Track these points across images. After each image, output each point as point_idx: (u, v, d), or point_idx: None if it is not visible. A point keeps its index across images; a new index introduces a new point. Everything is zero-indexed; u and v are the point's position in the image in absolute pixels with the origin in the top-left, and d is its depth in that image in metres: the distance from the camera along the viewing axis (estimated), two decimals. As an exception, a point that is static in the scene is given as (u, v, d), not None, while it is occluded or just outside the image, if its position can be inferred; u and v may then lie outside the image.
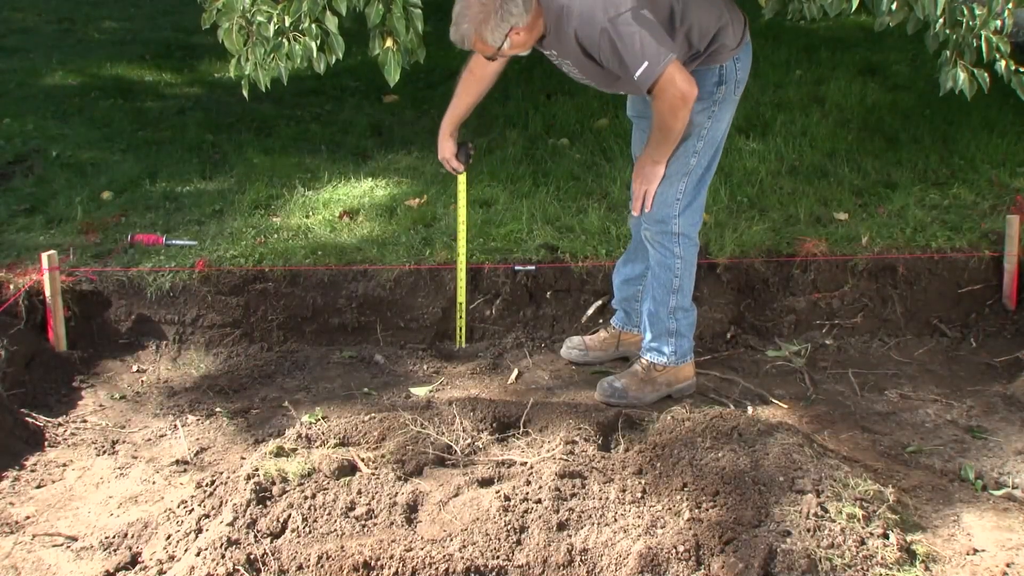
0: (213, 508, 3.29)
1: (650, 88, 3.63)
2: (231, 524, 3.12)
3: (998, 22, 3.71)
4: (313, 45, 3.61)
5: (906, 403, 4.27)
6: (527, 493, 3.21)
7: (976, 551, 3.12)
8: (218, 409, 4.30)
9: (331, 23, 3.62)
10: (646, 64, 3.54)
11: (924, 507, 3.39)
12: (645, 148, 3.94)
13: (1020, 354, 4.54)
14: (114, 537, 3.33)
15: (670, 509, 3.14)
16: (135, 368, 4.72)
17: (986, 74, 3.84)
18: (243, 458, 3.81)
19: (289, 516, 3.17)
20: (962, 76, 3.71)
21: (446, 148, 4.46)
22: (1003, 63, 3.71)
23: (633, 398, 4.18)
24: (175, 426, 4.17)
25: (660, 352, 4.23)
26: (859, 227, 5.08)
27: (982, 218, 5.14)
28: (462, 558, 2.97)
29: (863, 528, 3.04)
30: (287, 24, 3.59)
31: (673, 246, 4.07)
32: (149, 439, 4.09)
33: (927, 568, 3.00)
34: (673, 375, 4.24)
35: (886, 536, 3.02)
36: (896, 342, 4.78)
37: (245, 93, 3.61)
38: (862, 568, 2.89)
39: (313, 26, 3.63)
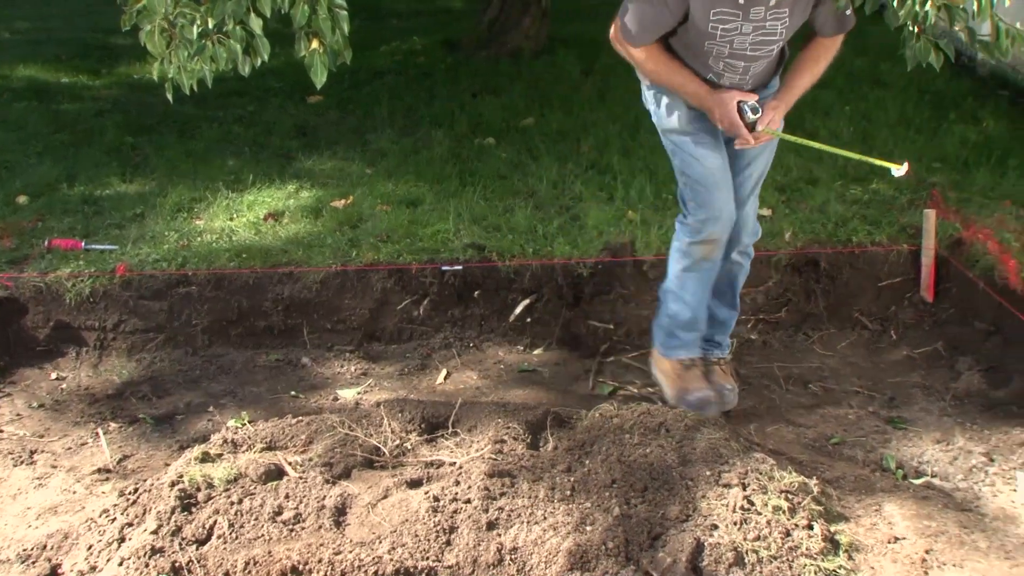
0: (136, 516, 3.23)
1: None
2: (155, 532, 3.06)
3: None
4: (238, 47, 3.55)
5: (829, 396, 4.34)
6: (456, 493, 3.20)
7: (897, 539, 3.17)
8: (141, 415, 4.23)
9: (256, 25, 3.56)
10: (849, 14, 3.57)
11: (847, 497, 3.44)
12: (792, 92, 3.78)
13: (939, 345, 4.63)
14: (32, 549, 3.24)
15: (599, 506, 3.14)
16: (54, 376, 4.62)
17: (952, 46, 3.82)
18: (167, 465, 3.75)
19: (215, 522, 3.12)
20: (930, 51, 3.71)
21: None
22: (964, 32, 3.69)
23: None
24: (96, 434, 4.09)
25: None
26: (782, 222, 5.14)
27: (900, 212, 5.23)
28: (391, 560, 2.95)
29: (788, 520, 3.07)
30: (210, 26, 3.54)
31: None
32: (69, 448, 4.01)
33: (850, 557, 3.04)
34: None
35: (811, 527, 3.06)
36: (819, 335, 4.85)
37: (169, 96, 3.54)
38: (787, 559, 2.92)
39: (237, 28, 3.58)
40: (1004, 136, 6.43)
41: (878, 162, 3.66)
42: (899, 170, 3.55)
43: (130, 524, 3.20)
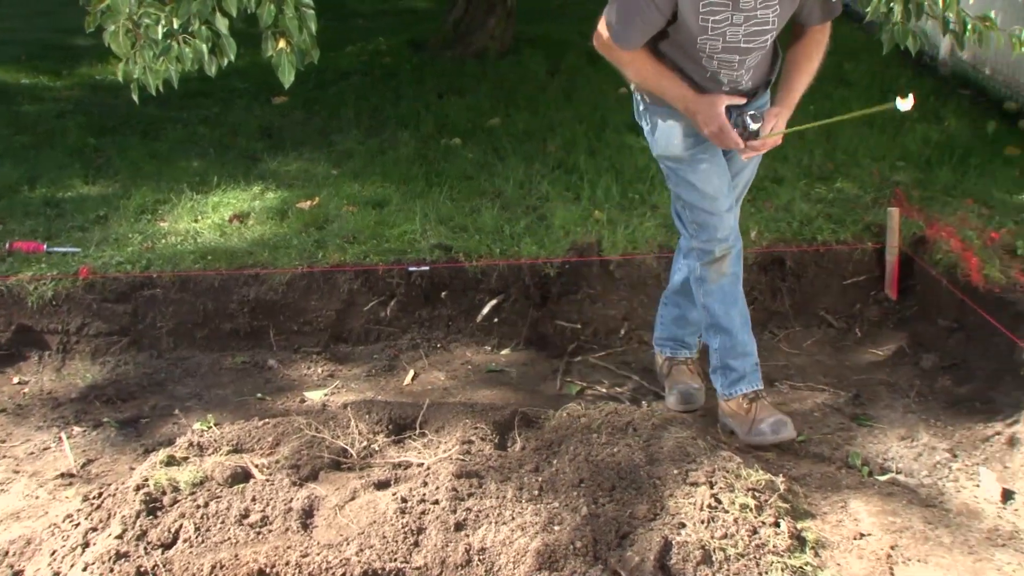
0: (101, 521, 3.20)
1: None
2: (120, 537, 3.04)
3: None
4: (204, 47, 3.53)
5: (796, 393, 4.36)
6: (424, 494, 3.19)
7: (863, 535, 3.19)
8: (105, 419, 4.19)
9: (222, 25, 3.54)
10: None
11: (814, 494, 3.46)
12: (792, 93, 3.71)
13: (903, 343, 4.67)
14: (-5, 555, 3.21)
15: (567, 505, 3.15)
16: (16, 380, 4.57)
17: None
18: (132, 468, 3.71)
19: (181, 526, 3.10)
20: (908, 35, 3.72)
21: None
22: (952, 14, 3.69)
23: None
24: (60, 438, 4.04)
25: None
26: (748, 221, 5.16)
27: (865, 211, 5.27)
28: (359, 562, 2.93)
29: (755, 517, 3.09)
30: (176, 26, 3.51)
31: None
32: (32, 453, 3.96)
33: (817, 554, 3.06)
34: None
35: (777, 524, 3.08)
36: (785, 334, 4.88)
37: (135, 97, 3.52)
38: (755, 557, 2.94)
39: (203, 28, 3.56)
40: (965, 135, 6.50)
41: (881, 108, 3.50)
42: (905, 104, 3.31)
43: (94, 529, 3.17)
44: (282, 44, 3.61)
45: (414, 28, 10.20)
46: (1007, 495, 3.49)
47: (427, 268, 4.87)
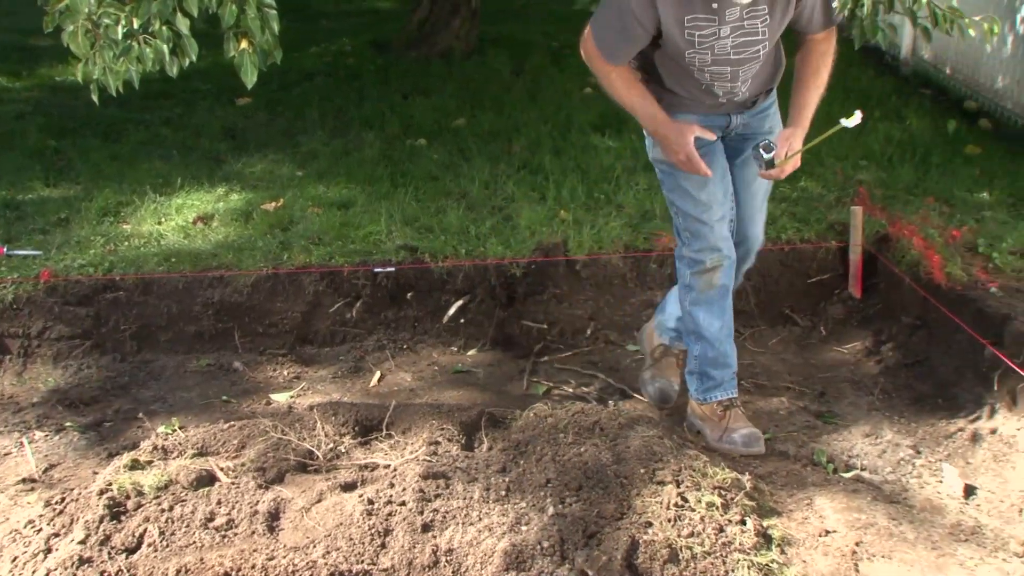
0: (63, 526, 3.16)
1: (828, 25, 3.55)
2: (83, 542, 3.01)
3: None
4: (165, 48, 3.50)
5: (761, 392, 4.38)
6: (391, 496, 3.18)
7: (828, 532, 3.21)
8: (68, 424, 4.14)
9: (183, 25, 3.52)
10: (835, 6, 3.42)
11: (779, 492, 3.48)
12: (804, 111, 3.64)
13: (867, 340, 4.70)
14: (-44, 562, 3.17)
15: (534, 505, 3.15)
16: (-23, 384, 4.52)
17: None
18: (95, 473, 3.68)
19: (145, 530, 3.07)
20: (877, 30, 3.72)
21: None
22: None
23: None
24: (21, 443, 4.00)
25: None
26: (712, 221, 5.18)
27: (828, 210, 5.30)
28: (326, 564, 2.92)
29: (722, 516, 3.10)
30: (136, 27, 3.48)
31: None
32: (-7, 458, 3.92)
33: (783, 551, 3.08)
34: None
35: (744, 522, 3.09)
36: (751, 332, 4.90)
37: (95, 98, 3.48)
38: (721, 555, 2.95)
39: (164, 28, 3.53)
40: (927, 134, 6.56)
41: (832, 131, 3.51)
42: (851, 121, 3.40)
43: (57, 534, 3.14)
44: (244, 45, 3.58)
45: (378, 29, 10.18)
46: (969, 490, 3.52)
47: (393, 269, 4.86)
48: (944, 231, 4.92)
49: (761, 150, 3.55)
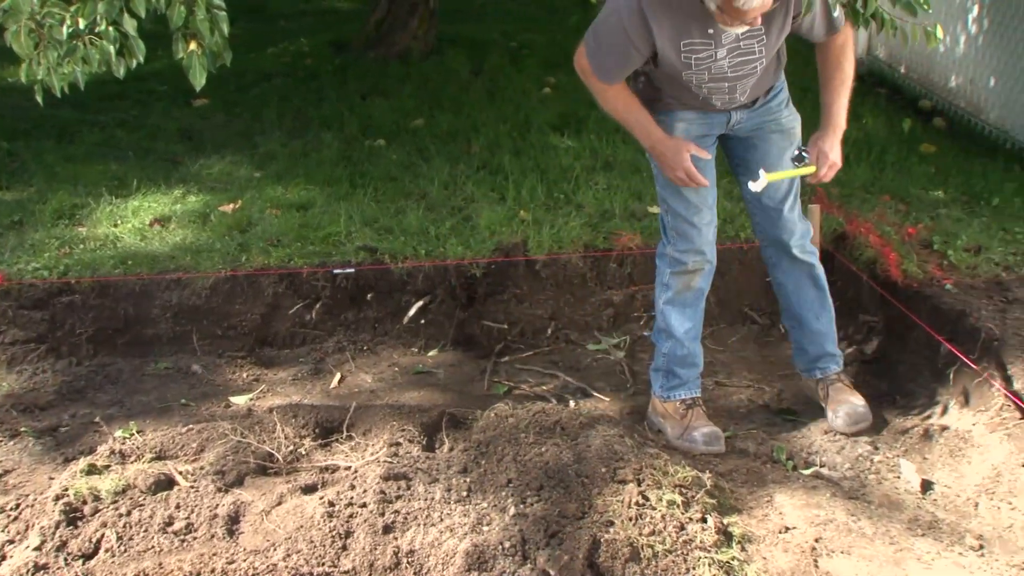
0: (18, 533, 3.13)
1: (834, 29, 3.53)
2: (38, 548, 2.97)
3: None
4: (111, 49, 3.46)
5: (721, 390, 4.41)
6: (351, 498, 3.17)
7: (788, 528, 3.24)
8: (23, 429, 4.08)
9: (129, 26, 3.48)
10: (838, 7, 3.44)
11: (740, 489, 3.50)
12: (832, 110, 3.64)
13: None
14: (-92, 571, 3.12)
15: (495, 506, 3.15)
16: (-70, 390, 4.45)
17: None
18: (51, 479, 3.63)
19: (103, 536, 3.04)
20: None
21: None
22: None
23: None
24: (-24, 449, 3.94)
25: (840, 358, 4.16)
26: (671, 220, 5.20)
27: (786, 208, 5.33)
28: (287, 567, 2.90)
29: (683, 514, 3.11)
30: (81, 27, 3.44)
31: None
32: (-53, 464, 3.86)
33: (743, 548, 3.10)
34: None
35: (704, 520, 3.11)
36: (710, 331, 4.91)
37: (39, 99, 3.44)
38: (682, 552, 2.96)
39: (110, 29, 3.49)
40: (882, 132, 6.62)
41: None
42: (757, 185, 3.58)
43: (11, 541, 3.10)
44: (193, 46, 3.55)
45: (336, 29, 10.13)
46: (926, 486, 3.56)
47: (352, 270, 4.84)
48: (900, 229, 4.97)
49: (794, 163, 3.61)
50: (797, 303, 4.09)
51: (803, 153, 3.63)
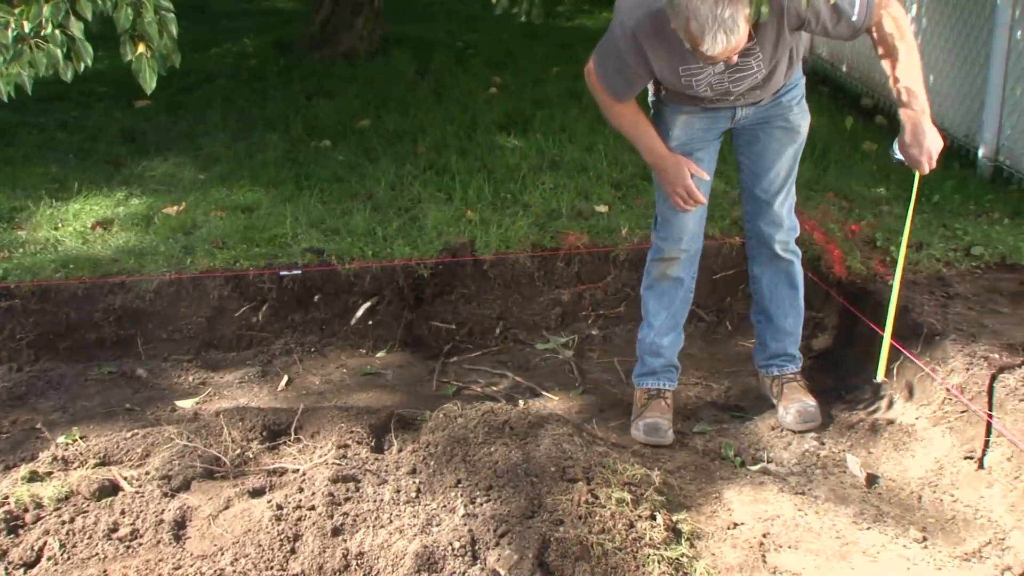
0: (-41, 542, 3.07)
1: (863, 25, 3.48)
2: (-20, 558, 2.92)
3: None
4: (58, 52, 3.41)
5: (669, 387, 4.43)
6: (300, 500, 3.14)
7: (736, 525, 3.26)
8: (-37, 436, 4.02)
9: (76, 29, 3.43)
10: (859, 3, 3.39)
11: (688, 487, 3.52)
12: (910, 93, 3.51)
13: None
14: None
15: (445, 506, 3.14)
16: None
17: None
18: (-8, 487, 3.57)
19: (45, 543, 2.99)
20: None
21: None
22: None
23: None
24: (-86, 458, 3.86)
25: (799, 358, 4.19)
26: (619, 219, 5.23)
27: (732, 206, 5.36)
28: (234, 571, 2.87)
29: (632, 511, 3.12)
30: (27, 30, 3.38)
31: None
32: None
33: (692, 545, 3.12)
34: None
35: (653, 517, 3.12)
36: (657, 329, 4.94)
37: (-18, 101, 3.39)
38: (632, 550, 2.97)
39: (56, 32, 3.44)
40: (825, 130, 6.69)
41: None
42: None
43: (-48, 551, 3.04)
44: (141, 49, 3.51)
45: (280, 29, 10.06)
46: (871, 480, 3.61)
47: (299, 272, 4.81)
48: (844, 226, 5.03)
49: (894, 161, 3.63)
50: (769, 299, 4.14)
51: (893, 152, 3.61)
